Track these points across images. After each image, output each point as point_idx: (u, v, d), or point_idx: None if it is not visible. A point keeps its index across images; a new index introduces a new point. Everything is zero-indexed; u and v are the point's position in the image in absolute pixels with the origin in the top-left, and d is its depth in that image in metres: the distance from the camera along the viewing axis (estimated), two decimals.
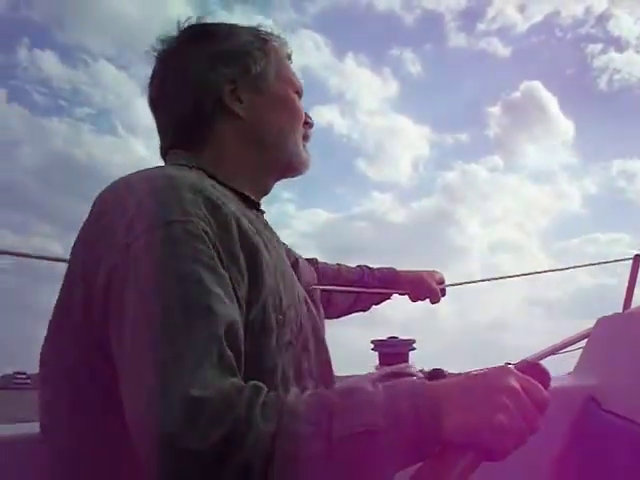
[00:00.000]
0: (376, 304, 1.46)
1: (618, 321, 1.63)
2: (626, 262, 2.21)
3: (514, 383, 0.63)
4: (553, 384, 1.55)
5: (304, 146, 1.00)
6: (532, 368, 0.69)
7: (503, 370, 0.66)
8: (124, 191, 0.76)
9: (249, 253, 0.75)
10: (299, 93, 1.00)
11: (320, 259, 1.36)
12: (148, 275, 0.65)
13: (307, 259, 1.21)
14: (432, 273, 1.48)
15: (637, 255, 2.22)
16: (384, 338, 1.57)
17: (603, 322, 1.61)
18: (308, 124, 1.01)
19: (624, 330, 1.52)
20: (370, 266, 1.45)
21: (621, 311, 2.02)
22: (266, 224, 0.92)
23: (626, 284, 2.15)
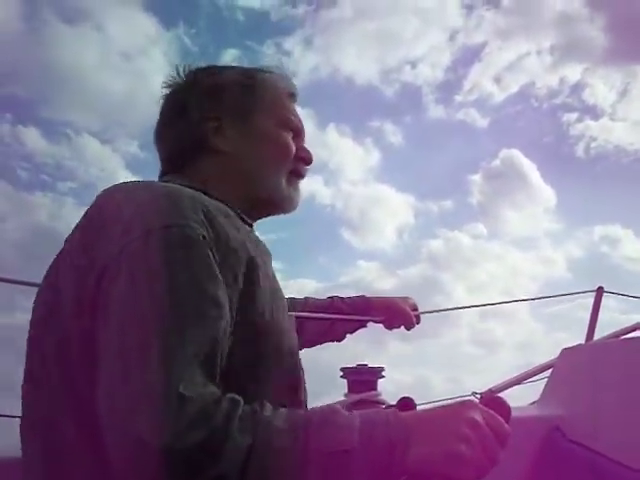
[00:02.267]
0: (350, 333, 1.44)
1: (581, 352, 1.66)
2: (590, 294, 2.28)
3: (477, 416, 0.66)
4: (518, 414, 1.58)
5: (294, 183, 1.00)
6: (494, 401, 0.71)
7: (467, 403, 0.68)
8: (121, 196, 0.77)
9: (245, 263, 0.76)
10: (294, 130, 1.01)
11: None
12: (143, 276, 0.66)
13: None
14: (405, 299, 1.48)
15: (600, 287, 2.28)
16: (353, 365, 1.57)
17: (567, 353, 1.65)
18: (304, 160, 1.02)
19: (587, 361, 1.56)
20: (340, 296, 1.45)
21: (584, 342, 2.07)
22: (259, 241, 0.93)
23: (589, 316, 2.21)
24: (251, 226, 0.97)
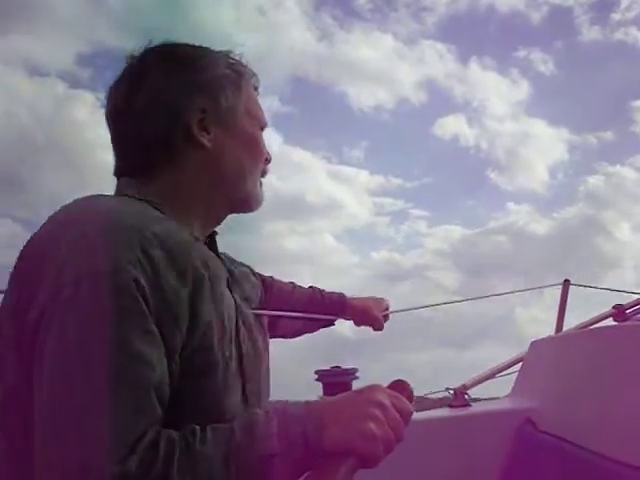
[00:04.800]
0: (324, 327, 1.49)
1: (550, 344, 1.69)
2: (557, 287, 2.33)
3: (383, 398, 0.73)
4: (491, 407, 1.59)
5: (260, 183, 1.00)
6: (398, 385, 0.79)
7: (374, 388, 0.75)
8: (61, 228, 0.74)
9: (190, 290, 0.74)
10: (263, 128, 1.01)
11: (458, 277, 1.36)
12: (72, 332, 0.64)
13: (261, 275, 1.21)
14: (379, 301, 1.53)
15: (566, 280, 2.33)
16: (327, 368, 1.58)
17: (536, 345, 1.67)
18: (267, 160, 1.02)
19: (556, 353, 1.58)
20: (321, 289, 1.49)
21: (553, 334, 2.11)
22: (214, 258, 0.89)
23: (557, 308, 2.25)
24: (207, 243, 0.94)
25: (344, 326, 1.53)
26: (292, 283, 1.44)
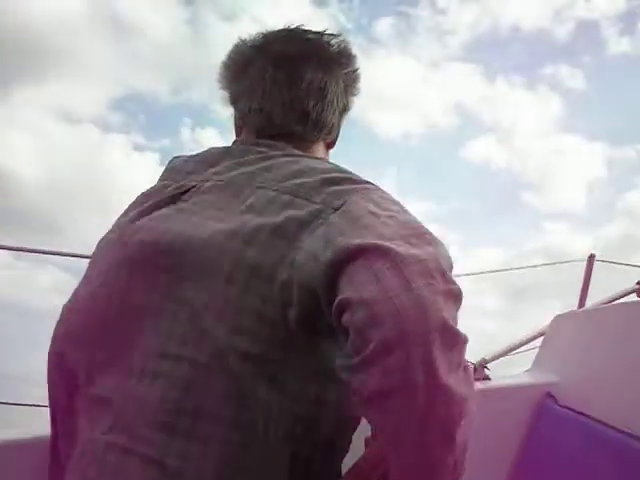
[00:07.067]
0: None
1: (573, 319, 1.67)
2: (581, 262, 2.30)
3: None
4: (511, 382, 1.59)
5: None
6: None
7: None
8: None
9: None
10: None
11: (495, 300, 1.35)
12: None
13: None
14: None
15: (592, 255, 2.31)
16: None
17: (559, 320, 1.66)
18: None
19: (579, 327, 1.57)
20: None
21: (576, 309, 2.09)
22: None
23: (581, 283, 2.23)
24: None
25: None
26: None
